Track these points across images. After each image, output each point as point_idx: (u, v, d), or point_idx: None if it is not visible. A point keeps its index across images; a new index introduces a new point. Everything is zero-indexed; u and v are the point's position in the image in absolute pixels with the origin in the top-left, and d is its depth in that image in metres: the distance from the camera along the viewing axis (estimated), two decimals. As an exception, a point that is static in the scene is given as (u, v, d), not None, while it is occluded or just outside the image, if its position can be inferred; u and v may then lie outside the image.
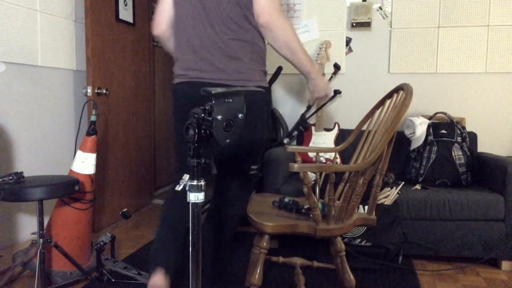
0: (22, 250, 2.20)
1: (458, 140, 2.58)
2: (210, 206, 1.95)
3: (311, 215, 1.57)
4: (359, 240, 2.32)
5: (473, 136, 2.78)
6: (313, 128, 2.95)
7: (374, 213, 1.73)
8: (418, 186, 2.52)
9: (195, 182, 1.11)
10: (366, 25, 3.04)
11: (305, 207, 1.71)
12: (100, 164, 2.94)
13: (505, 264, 2.36)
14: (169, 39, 1.87)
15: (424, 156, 2.58)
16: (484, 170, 2.58)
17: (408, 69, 3.04)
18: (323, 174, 2.15)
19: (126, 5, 3.21)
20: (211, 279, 1.93)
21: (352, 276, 1.72)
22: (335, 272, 1.82)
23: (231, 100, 1.08)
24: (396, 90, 1.69)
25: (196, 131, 1.07)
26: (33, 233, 2.04)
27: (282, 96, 3.28)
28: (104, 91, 2.91)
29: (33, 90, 2.55)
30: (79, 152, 2.18)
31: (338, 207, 1.61)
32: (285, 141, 2.91)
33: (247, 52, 1.69)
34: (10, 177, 1.84)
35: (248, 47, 1.69)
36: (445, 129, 2.60)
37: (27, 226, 2.50)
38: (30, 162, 2.54)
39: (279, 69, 3.19)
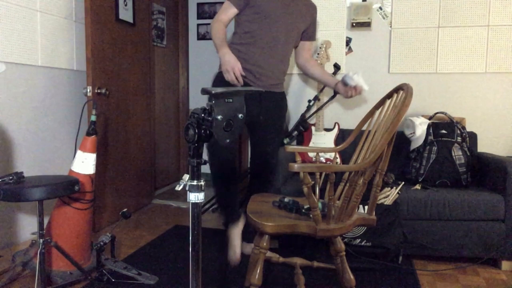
0: (22, 250, 2.20)
1: (458, 140, 2.58)
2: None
3: (311, 215, 1.57)
4: (359, 240, 2.32)
5: (473, 136, 2.78)
6: (313, 128, 2.95)
7: (374, 213, 1.73)
8: (418, 186, 2.52)
9: (195, 182, 1.11)
10: (366, 25, 3.04)
11: (305, 207, 1.71)
12: (100, 164, 2.94)
13: (505, 264, 2.36)
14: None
15: (424, 156, 2.58)
16: (484, 170, 2.57)
17: (408, 69, 3.04)
18: (323, 174, 2.14)
19: (126, 5, 3.21)
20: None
21: (352, 276, 1.72)
22: (335, 272, 1.82)
23: (231, 100, 1.08)
24: (396, 90, 1.69)
25: (196, 131, 1.07)
26: (33, 233, 2.04)
27: (282, 96, 3.28)
28: (104, 91, 2.91)
29: (33, 90, 2.55)
30: (79, 152, 2.18)
31: (338, 207, 1.61)
32: (285, 141, 2.91)
33: None
34: (10, 177, 1.83)
35: None
36: (445, 129, 2.60)
37: (27, 226, 2.50)
38: (30, 162, 2.54)
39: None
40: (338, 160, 2.80)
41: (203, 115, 1.07)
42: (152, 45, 3.79)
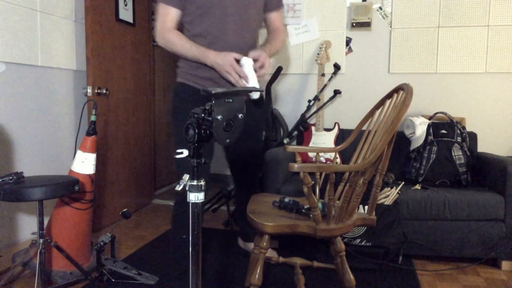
0: (22, 250, 2.20)
1: (458, 140, 2.58)
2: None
3: (311, 215, 1.57)
4: (359, 240, 2.32)
5: (473, 136, 2.78)
6: (313, 128, 2.95)
7: (374, 213, 1.73)
8: (418, 186, 2.52)
9: (195, 182, 1.11)
10: (366, 25, 3.04)
11: (305, 207, 1.71)
12: (100, 164, 2.94)
13: (505, 264, 2.36)
14: None
15: (424, 156, 2.58)
16: (484, 170, 2.57)
17: (408, 69, 3.04)
18: (323, 174, 2.14)
19: (126, 5, 3.21)
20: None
21: (352, 276, 1.72)
22: (335, 272, 1.82)
23: (231, 100, 1.08)
24: (396, 90, 1.69)
25: (196, 131, 1.07)
26: (33, 233, 2.04)
27: (282, 96, 3.28)
28: (104, 91, 2.91)
29: (33, 90, 2.55)
30: (79, 152, 2.18)
31: (338, 207, 1.61)
32: (285, 141, 2.91)
33: None
34: (10, 177, 1.83)
35: None
36: (445, 129, 2.60)
37: (27, 226, 2.50)
38: (30, 162, 2.54)
39: (279, 69, 3.19)
40: (338, 160, 2.80)
41: (203, 115, 1.07)
42: (152, 45, 3.79)
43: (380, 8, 3.04)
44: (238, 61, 1.81)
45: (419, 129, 2.65)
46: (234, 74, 1.77)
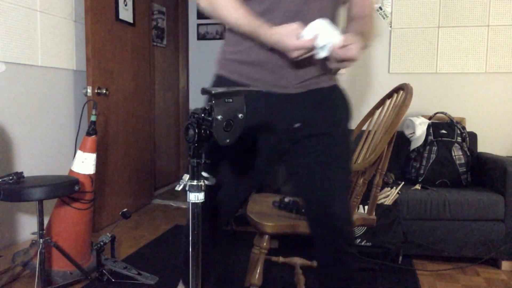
0: (22, 250, 2.20)
1: (458, 140, 2.58)
2: None
3: (311, 215, 1.57)
4: (359, 240, 2.32)
5: (473, 136, 2.78)
6: (313, 128, 2.94)
7: (374, 213, 1.73)
8: (418, 186, 2.52)
9: (195, 182, 1.11)
10: (366, 25, 3.04)
11: (305, 207, 1.71)
12: (100, 164, 2.94)
13: (505, 264, 2.36)
14: None
15: (424, 156, 2.58)
16: (484, 170, 2.57)
17: (408, 69, 3.04)
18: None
19: (126, 5, 3.21)
20: None
21: (352, 276, 1.71)
22: (335, 272, 1.81)
23: (231, 100, 1.08)
24: (396, 90, 1.69)
25: (196, 131, 1.07)
26: (33, 233, 2.04)
27: (282, 96, 3.28)
28: (104, 91, 2.91)
29: (33, 90, 2.55)
30: (79, 152, 2.18)
31: (338, 207, 1.61)
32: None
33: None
34: (10, 177, 1.83)
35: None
36: (445, 129, 2.60)
37: (27, 226, 2.50)
38: (30, 162, 2.54)
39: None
40: (338, 160, 2.79)
41: (203, 115, 1.07)
42: (152, 45, 3.79)
43: (380, 8, 3.04)
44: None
45: (419, 129, 2.65)
46: (302, 53, 1.17)
